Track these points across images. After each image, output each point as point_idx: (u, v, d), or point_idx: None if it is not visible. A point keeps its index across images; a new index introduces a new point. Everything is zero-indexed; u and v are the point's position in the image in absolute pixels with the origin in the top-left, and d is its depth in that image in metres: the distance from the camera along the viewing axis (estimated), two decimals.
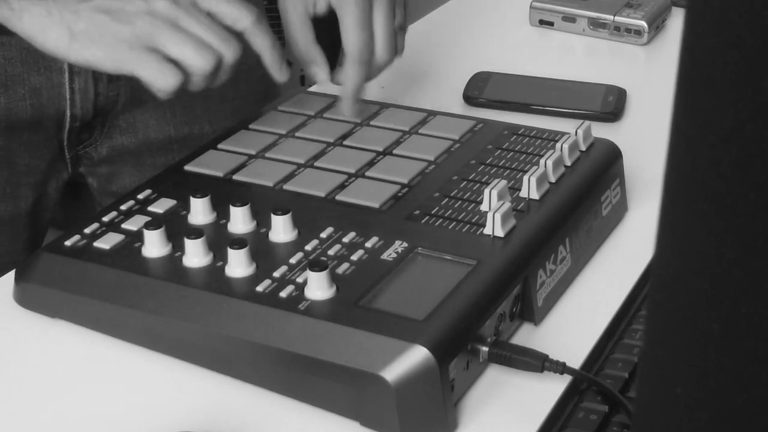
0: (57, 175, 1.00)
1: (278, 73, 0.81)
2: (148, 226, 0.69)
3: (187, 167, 0.80)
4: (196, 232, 0.68)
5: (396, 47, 0.88)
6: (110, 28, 0.75)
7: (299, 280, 0.65)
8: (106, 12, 0.76)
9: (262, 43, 0.80)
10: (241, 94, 1.05)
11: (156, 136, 1.01)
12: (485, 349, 0.64)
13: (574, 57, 1.16)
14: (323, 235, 0.70)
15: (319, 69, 0.86)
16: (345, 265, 0.67)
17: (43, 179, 0.98)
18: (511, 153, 0.81)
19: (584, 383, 0.64)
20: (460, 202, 0.74)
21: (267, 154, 0.82)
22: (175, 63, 0.75)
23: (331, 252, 0.68)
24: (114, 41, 0.75)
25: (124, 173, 1.02)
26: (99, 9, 0.76)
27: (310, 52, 0.86)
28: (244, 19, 0.79)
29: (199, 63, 0.75)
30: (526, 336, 0.70)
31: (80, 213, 1.11)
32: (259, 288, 0.65)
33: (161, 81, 0.75)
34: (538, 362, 0.63)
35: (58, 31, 0.76)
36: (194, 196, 0.73)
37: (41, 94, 0.93)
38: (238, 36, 0.79)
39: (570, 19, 1.18)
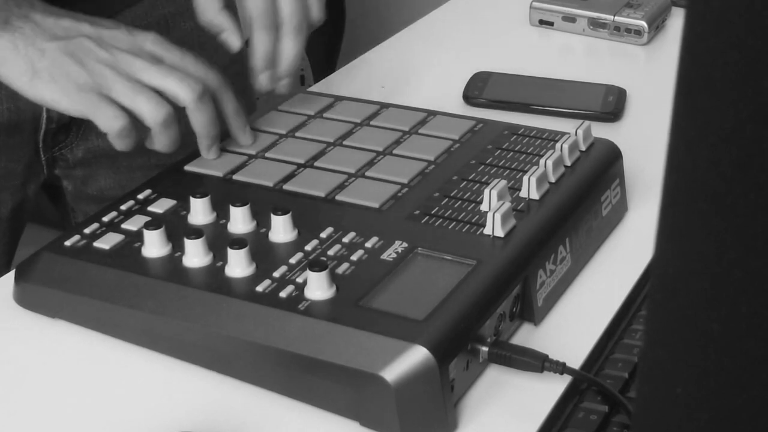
0: (34, 178, 1.00)
1: (242, 136, 0.82)
2: (148, 226, 0.69)
3: (187, 167, 0.81)
4: (196, 232, 0.68)
5: (309, 11, 0.86)
6: (71, 70, 0.76)
7: (299, 280, 0.65)
8: (70, 54, 0.77)
9: (226, 108, 0.80)
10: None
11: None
12: (485, 349, 0.64)
13: (574, 57, 1.16)
14: (323, 235, 0.70)
15: (230, 35, 0.84)
16: (345, 265, 0.67)
17: (22, 182, 0.98)
18: (511, 153, 0.81)
19: (584, 383, 0.64)
20: (460, 202, 0.74)
21: (267, 154, 0.82)
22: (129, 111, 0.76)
23: (331, 252, 0.68)
24: (73, 83, 0.76)
25: (99, 175, 1.02)
26: (64, 51, 0.77)
27: (219, 18, 0.83)
28: (208, 79, 0.79)
29: (151, 113, 0.76)
30: (526, 336, 0.70)
31: (57, 213, 1.11)
32: (259, 288, 0.65)
33: (109, 124, 0.76)
34: (538, 362, 0.63)
35: (21, 65, 0.77)
36: (194, 196, 0.73)
37: (19, 97, 0.92)
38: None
39: (570, 19, 1.18)
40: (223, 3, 0.84)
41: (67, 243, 0.71)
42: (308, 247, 0.69)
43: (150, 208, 0.75)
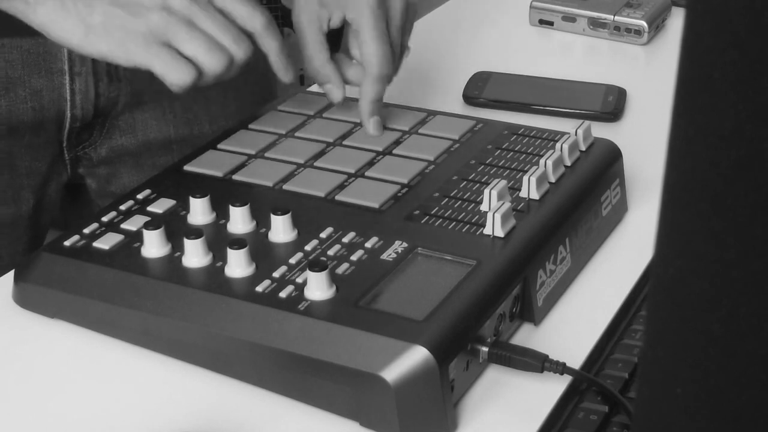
0: (57, 177, 1.00)
1: (284, 74, 0.82)
2: (147, 226, 0.69)
3: (187, 167, 0.80)
4: (195, 233, 0.68)
5: (397, 68, 0.88)
6: (125, 22, 0.76)
7: (299, 280, 0.65)
8: (121, 6, 0.76)
9: (270, 45, 0.80)
10: (242, 94, 1.05)
11: (156, 137, 1.01)
12: (485, 349, 0.64)
13: (574, 57, 1.16)
14: (323, 235, 0.70)
15: (334, 88, 0.86)
16: (345, 266, 0.67)
17: (44, 181, 0.98)
18: (511, 153, 0.81)
19: (584, 383, 0.63)
20: (460, 202, 0.74)
21: (267, 154, 0.82)
22: (188, 59, 0.76)
23: (330, 252, 0.68)
24: (128, 35, 0.76)
25: (123, 174, 1.02)
26: (114, 2, 0.77)
27: (326, 71, 0.86)
28: (255, 21, 0.79)
29: (211, 63, 0.76)
30: (526, 336, 0.70)
31: (79, 214, 1.11)
32: (259, 288, 0.65)
33: (174, 76, 0.76)
34: (538, 362, 0.63)
35: (72, 23, 0.77)
36: (194, 196, 0.73)
37: (42, 96, 0.93)
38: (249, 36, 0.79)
39: (570, 18, 1.18)
40: (328, 55, 0.85)
41: (67, 243, 0.71)
42: (308, 247, 0.69)
43: (149, 208, 0.75)
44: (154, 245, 0.69)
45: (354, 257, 0.68)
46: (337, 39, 0.87)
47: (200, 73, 0.77)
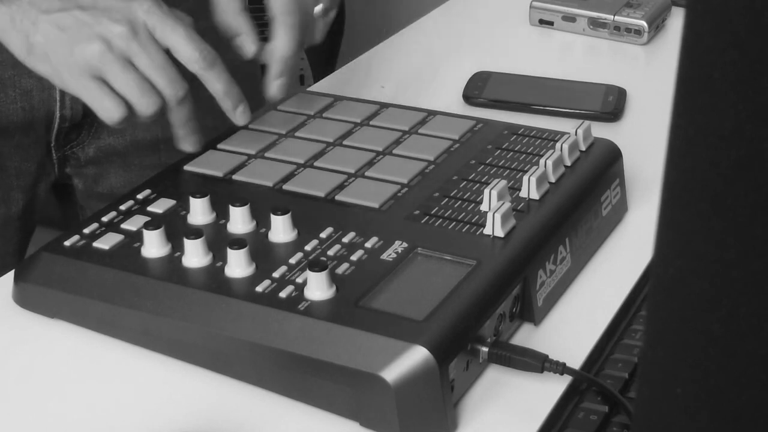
0: (45, 177, 1.00)
1: (233, 115, 0.80)
2: (147, 226, 0.69)
3: (187, 167, 0.80)
4: (195, 233, 0.68)
5: (317, 31, 0.85)
6: (62, 49, 0.75)
7: (299, 280, 0.65)
8: (62, 29, 0.75)
9: (214, 88, 0.78)
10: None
11: (143, 137, 1.01)
12: (485, 349, 0.64)
13: (574, 57, 1.16)
14: (323, 235, 0.70)
15: (246, 39, 0.82)
16: (345, 266, 0.67)
17: (33, 181, 0.98)
18: (511, 153, 0.81)
19: (584, 383, 0.63)
20: (460, 202, 0.74)
21: (266, 154, 0.82)
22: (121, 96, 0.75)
23: (330, 252, 0.68)
24: (64, 63, 0.75)
25: (110, 174, 1.02)
26: (56, 24, 0.75)
27: (237, 21, 0.81)
28: (196, 63, 0.77)
29: (141, 105, 0.75)
30: (526, 336, 0.70)
31: (65, 214, 1.11)
32: (259, 288, 0.65)
33: (102, 113, 0.75)
34: (538, 362, 0.63)
35: (18, 38, 0.77)
36: (194, 196, 0.73)
37: (32, 96, 0.93)
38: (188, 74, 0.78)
39: (570, 18, 1.18)
40: (243, 6, 0.82)
41: (67, 243, 0.71)
42: (308, 247, 0.69)
43: (149, 208, 0.75)
44: (154, 245, 0.69)
45: (354, 257, 0.68)
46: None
47: (132, 111, 0.76)
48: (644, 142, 0.90)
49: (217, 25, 0.83)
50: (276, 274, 0.66)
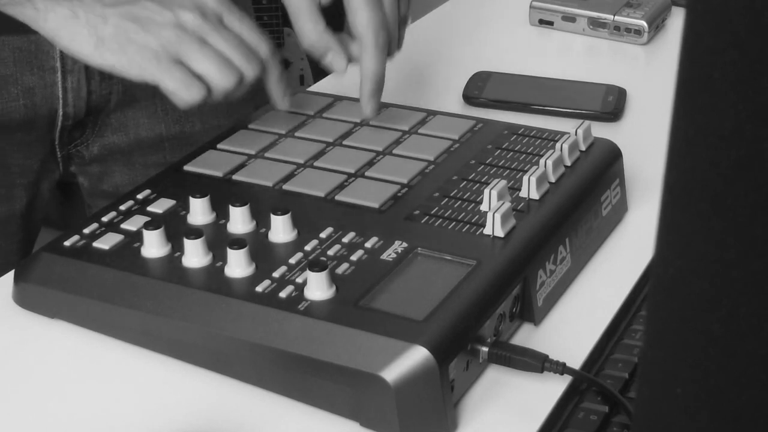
0: (49, 175, 1.00)
1: (280, 102, 0.83)
2: (147, 226, 0.69)
3: (187, 167, 0.80)
4: (195, 233, 0.68)
5: (399, 40, 0.86)
6: (137, 37, 0.75)
7: (299, 280, 0.65)
8: (133, 20, 0.76)
9: (272, 73, 0.80)
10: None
11: (147, 135, 1.01)
12: (485, 349, 0.64)
13: (574, 57, 1.16)
14: (323, 235, 0.70)
15: (336, 56, 0.83)
16: (345, 266, 0.67)
17: (36, 179, 0.98)
18: (511, 153, 0.81)
19: (584, 383, 0.63)
20: (460, 202, 0.74)
21: (266, 154, 0.82)
22: (198, 77, 0.76)
23: (330, 252, 0.68)
24: (141, 49, 0.75)
25: (115, 172, 1.02)
26: (127, 16, 0.76)
27: (324, 40, 0.83)
28: (261, 47, 0.79)
29: (221, 81, 0.76)
30: (526, 336, 0.70)
31: (71, 212, 1.11)
32: (259, 288, 0.65)
33: (185, 94, 0.75)
34: (538, 362, 0.63)
35: (84, 33, 0.76)
36: (193, 196, 0.73)
37: (35, 93, 0.93)
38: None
39: (570, 18, 1.18)
40: (324, 24, 0.83)
41: (67, 243, 0.71)
42: (308, 247, 0.69)
43: (149, 208, 0.75)
44: (154, 245, 0.69)
45: (354, 257, 0.68)
46: (337, 30, 0.86)
47: (209, 91, 0.76)
48: (644, 142, 0.90)
49: (303, 46, 0.85)
50: (276, 274, 0.66)
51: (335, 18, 0.87)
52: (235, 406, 0.64)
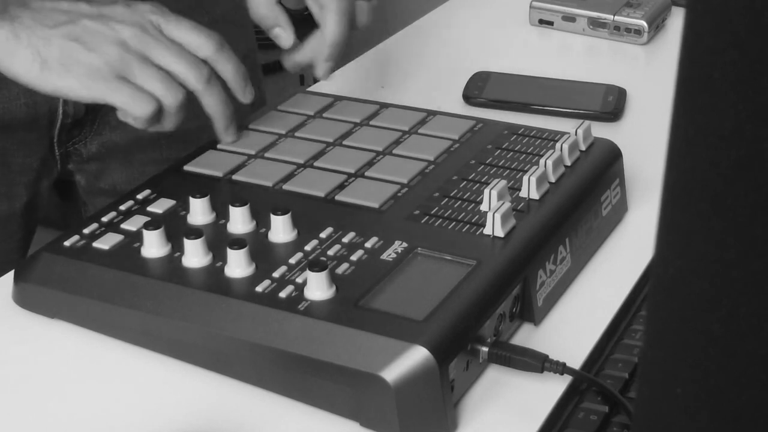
0: (48, 173, 1.00)
1: (242, 95, 0.81)
2: (147, 226, 0.69)
3: (187, 167, 0.80)
4: (195, 233, 0.68)
5: (366, 13, 0.86)
6: (82, 56, 0.75)
7: (299, 280, 0.65)
8: (76, 40, 0.75)
9: (224, 69, 0.79)
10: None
11: (145, 133, 1.00)
12: (485, 349, 0.64)
13: (574, 57, 1.16)
14: (323, 235, 0.70)
15: (283, 31, 0.84)
16: (345, 266, 0.67)
17: (36, 177, 0.98)
18: (511, 153, 0.81)
19: (584, 383, 0.63)
20: (460, 202, 0.74)
21: (266, 154, 0.82)
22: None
23: (330, 252, 0.68)
24: (86, 69, 0.75)
25: (113, 169, 1.02)
26: (69, 36, 0.75)
27: (273, 13, 0.83)
28: (205, 48, 0.78)
29: (168, 98, 0.76)
30: (526, 336, 0.70)
31: (67, 211, 1.11)
32: (259, 288, 0.65)
33: (135, 109, 0.75)
34: (538, 362, 0.63)
35: (27, 56, 0.75)
36: (193, 196, 0.73)
37: (35, 92, 0.93)
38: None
39: (570, 18, 1.18)
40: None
41: (67, 243, 0.71)
42: (308, 247, 0.69)
43: (149, 208, 0.75)
44: (153, 245, 0.69)
45: (354, 257, 0.68)
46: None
47: (159, 105, 0.76)
48: (644, 142, 0.90)
49: (253, 18, 0.85)
50: (276, 274, 0.66)
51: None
52: (235, 406, 0.64)
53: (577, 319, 0.71)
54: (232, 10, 1.03)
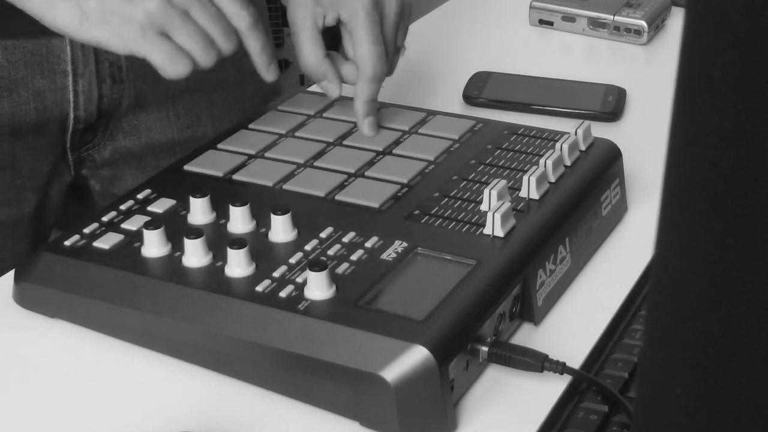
0: (60, 178, 1.00)
1: (266, 73, 0.82)
2: (147, 225, 0.69)
3: (187, 167, 0.80)
4: (195, 232, 0.68)
5: (392, 67, 0.88)
6: (122, 9, 0.75)
7: (299, 280, 0.65)
8: None
9: (253, 44, 0.80)
10: (245, 96, 1.05)
11: (159, 139, 1.01)
12: (485, 349, 0.64)
13: (574, 57, 1.16)
14: (323, 235, 0.70)
15: (331, 85, 0.86)
16: (345, 265, 0.67)
17: (47, 182, 0.98)
18: (511, 153, 0.81)
19: (584, 383, 0.64)
20: (460, 202, 0.74)
21: (267, 154, 0.82)
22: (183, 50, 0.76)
23: (330, 252, 0.68)
24: (125, 23, 0.75)
25: (126, 176, 1.02)
26: None
27: (322, 68, 0.85)
28: (241, 20, 0.79)
29: (202, 59, 0.77)
30: (526, 336, 0.70)
31: (84, 214, 1.11)
32: (259, 288, 0.65)
33: (171, 69, 0.76)
34: (537, 362, 0.63)
35: (68, 8, 0.76)
36: (194, 196, 0.73)
37: (45, 97, 0.92)
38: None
39: (570, 18, 1.18)
40: (324, 51, 0.85)
41: (67, 243, 0.71)
42: (308, 247, 0.69)
43: (150, 208, 0.75)
44: (154, 245, 0.69)
45: (354, 257, 0.68)
46: (335, 37, 0.87)
47: (194, 65, 0.77)
48: (644, 142, 0.90)
49: (302, 69, 0.87)
50: (276, 274, 0.66)
51: (332, 40, 0.88)
52: (235, 406, 0.64)
53: (577, 319, 0.71)
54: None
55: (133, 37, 0.75)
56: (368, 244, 0.69)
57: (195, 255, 0.68)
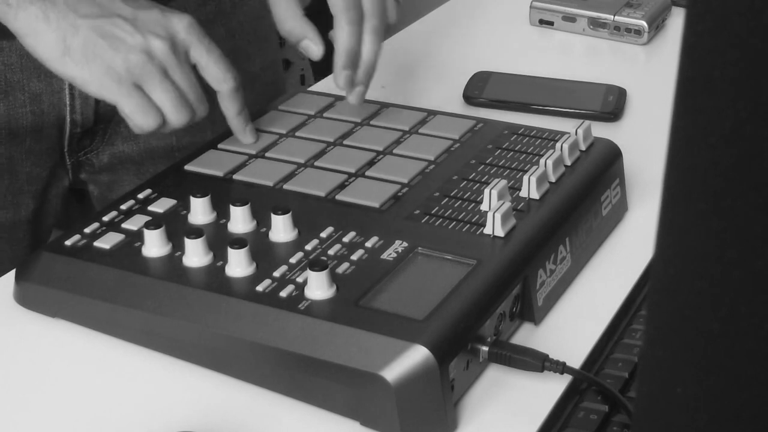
0: (58, 182, 0.99)
1: (242, 136, 0.83)
2: (148, 225, 0.69)
3: (187, 167, 0.81)
4: (196, 232, 0.68)
5: (387, 12, 0.86)
6: (104, 54, 0.75)
7: (299, 279, 0.65)
8: (103, 36, 0.75)
9: (232, 108, 0.81)
10: (246, 102, 1.05)
11: (158, 144, 1.00)
12: (485, 348, 0.64)
13: (574, 57, 1.16)
14: (323, 234, 0.70)
15: (312, 43, 0.84)
16: (345, 265, 0.67)
17: (44, 186, 0.98)
18: (511, 153, 0.81)
19: (584, 383, 0.64)
20: (460, 201, 0.74)
21: (267, 154, 0.82)
22: (155, 105, 0.77)
23: (331, 252, 0.68)
24: (104, 68, 0.75)
25: (125, 181, 1.01)
26: (98, 30, 0.75)
27: (301, 26, 0.84)
28: (225, 83, 0.80)
29: (175, 118, 0.77)
30: (526, 336, 0.70)
31: (84, 218, 1.11)
32: (259, 288, 0.65)
33: (141, 119, 0.76)
34: (538, 362, 0.63)
35: (52, 39, 0.75)
36: (194, 196, 0.73)
37: (42, 100, 0.92)
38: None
39: (570, 18, 1.18)
40: (303, 11, 0.84)
41: (68, 242, 0.71)
42: (308, 247, 0.69)
43: (150, 208, 0.75)
44: (154, 245, 0.69)
45: (354, 257, 0.68)
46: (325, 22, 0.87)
47: (164, 121, 0.77)
48: (644, 142, 0.90)
49: (281, 32, 0.86)
50: (276, 274, 0.66)
51: (321, 18, 0.87)
52: (235, 406, 0.64)
53: (577, 319, 0.71)
54: (249, 22, 1.03)
55: (109, 83, 0.75)
56: (368, 244, 0.69)
57: (195, 255, 0.68)
